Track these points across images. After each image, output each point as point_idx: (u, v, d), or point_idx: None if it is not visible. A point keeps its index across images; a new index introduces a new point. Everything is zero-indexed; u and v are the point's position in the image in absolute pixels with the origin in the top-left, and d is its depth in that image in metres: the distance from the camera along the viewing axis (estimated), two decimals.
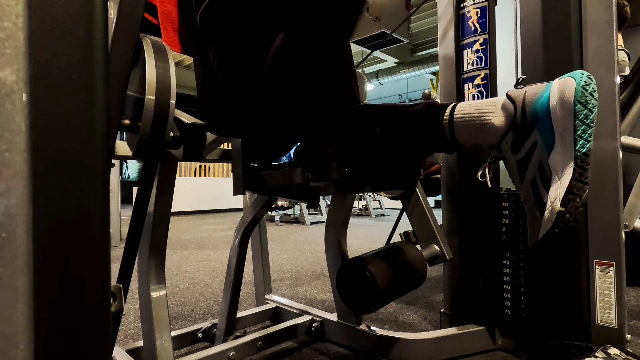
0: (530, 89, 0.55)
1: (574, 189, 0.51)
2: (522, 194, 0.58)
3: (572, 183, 0.51)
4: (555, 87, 0.52)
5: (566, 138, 0.51)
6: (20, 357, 0.25)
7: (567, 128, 0.51)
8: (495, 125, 0.56)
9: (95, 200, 0.29)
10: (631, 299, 1.32)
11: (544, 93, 0.53)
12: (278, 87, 0.63)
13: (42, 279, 0.26)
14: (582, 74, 0.52)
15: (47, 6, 0.27)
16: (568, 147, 0.51)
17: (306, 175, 0.71)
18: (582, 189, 0.52)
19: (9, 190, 0.25)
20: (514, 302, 0.91)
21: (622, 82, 1.19)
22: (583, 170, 0.51)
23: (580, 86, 0.50)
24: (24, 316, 0.25)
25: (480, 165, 0.63)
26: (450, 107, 0.60)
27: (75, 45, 0.28)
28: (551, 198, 0.52)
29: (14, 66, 0.25)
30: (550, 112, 0.52)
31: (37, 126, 0.26)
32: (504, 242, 0.93)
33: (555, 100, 0.52)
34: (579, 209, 0.52)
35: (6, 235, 0.25)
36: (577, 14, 0.82)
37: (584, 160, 0.51)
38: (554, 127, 0.52)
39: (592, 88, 0.51)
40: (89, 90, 0.29)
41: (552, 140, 0.53)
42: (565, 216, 0.52)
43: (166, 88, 0.53)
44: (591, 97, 0.51)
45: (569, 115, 0.51)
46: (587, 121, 0.51)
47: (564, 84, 0.52)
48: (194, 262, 2.14)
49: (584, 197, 0.52)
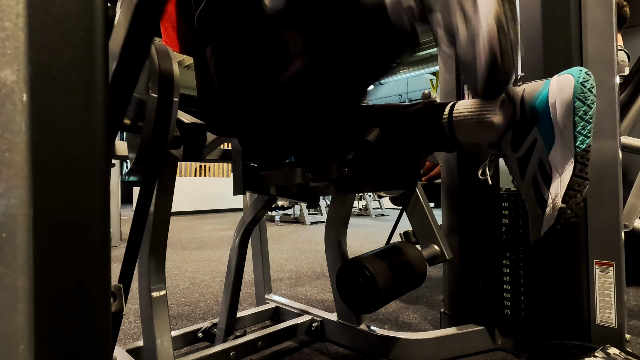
0: (528, 87, 0.55)
1: (574, 185, 0.51)
2: (523, 191, 0.58)
3: (572, 179, 0.51)
4: (553, 84, 0.52)
5: (566, 135, 0.51)
6: (20, 357, 0.25)
7: (566, 125, 0.51)
8: (495, 123, 0.56)
9: (95, 200, 0.29)
10: (631, 298, 1.32)
11: (542, 90, 0.53)
12: (290, 104, 0.62)
13: (42, 279, 0.26)
14: (580, 70, 0.51)
15: (47, 6, 0.27)
16: (568, 143, 0.51)
17: (306, 175, 0.71)
18: (583, 185, 0.52)
19: (9, 190, 0.25)
20: (513, 302, 0.91)
21: (622, 82, 1.19)
22: (583, 166, 0.51)
23: (579, 83, 0.50)
24: (25, 316, 0.25)
25: (480, 164, 0.63)
26: (450, 105, 0.60)
27: (75, 46, 0.28)
28: (552, 195, 0.53)
29: (14, 66, 0.25)
30: (549, 110, 0.52)
31: (38, 126, 0.26)
32: (504, 242, 0.93)
33: (554, 98, 0.52)
34: (580, 205, 0.53)
35: (6, 235, 0.25)
36: (577, 14, 0.82)
37: (584, 156, 0.51)
38: (554, 124, 0.52)
39: (591, 84, 0.51)
40: (89, 90, 0.29)
41: (552, 137, 0.53)
42: (567, 212, 0.52)
43: (170, 87, 0.53)
44: (590, 93, 0.51)
45: (569, 112, 0.51)
46: (586, 117, 0.51)
47: (562, 81, 0.52)
48: (194, 262, 2.14)
49: (584, 193, 0.52)
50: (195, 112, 0.70)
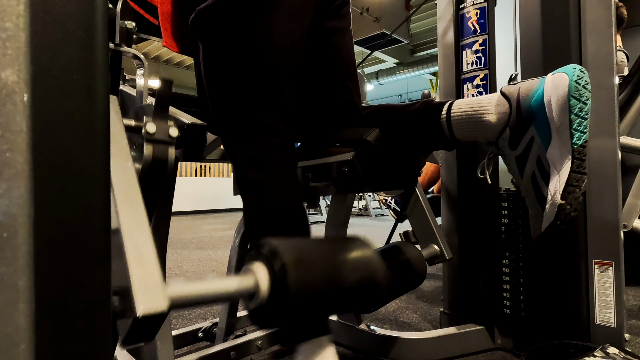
0: (524, 85, 0.55)
1: (573, 181, 0.52)
2: (522, 188, 0.59)
3: (571, 175, 0.51)
4: (548, 82, 0.53)
5: (563, 132, 0.52)
6: (21, 356, 0.25)
7: (563, 122, 0.51)
8: (492, 122, 0.56)
9: (96, 200, 0.29)
10: (630, 298, 1.33)
11: (537, 89, 0.53)
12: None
13: (43, 278, 0.27)
14: (574, 68, 0.52)
15: (48, 7, 0.27)
16: (565, 141, 0.52)
17: (306, 175, 0.71)
18: (581, 180, 0.52)
19: (10, 190, 0.25)
20: (513, 302, 0.91)
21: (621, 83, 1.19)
22: (581, 162, 0.52)
23: (574, 81, 0.51)
24: (25, 316, 0.25)
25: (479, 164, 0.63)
26: (447, 104, 0.60)
27: (76, 46, 0.28)
28: (551, 191, 0.53)
29: (15, 67, 0.26)
30: (545, 108, 0.52)
31: (39, 126, 0.26)
32: (503, 241, 0.93)
33: (549, 96, 0.52)
34: (578, 199, 0.53)
35: (7, 235, 0.25)
36: (576, 15, 0.82)
37: (581, 152, 0.52)
38: (550, 122, 0.52)
39: (585, 81, 0.51)
40: (89, 90, 0.29)
41: (549, 135, 0.53)
42: (567, 208, 0.52)
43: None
44: (584, 90, 0.51)
45: (564, 110, 0.51)
46: (582, 114, 0.51)
47: (557, 79, 0.52)
48: (195, 261, 2.14)
49: (583, 187, 0.52)
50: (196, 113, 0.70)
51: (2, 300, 0.25)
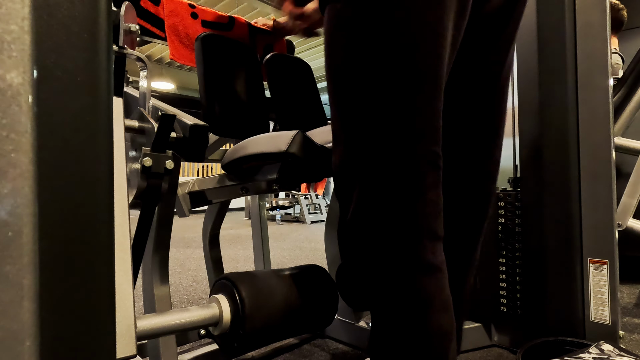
0: None
1: None
2: None
3: None
4: None
5: None
6: (26, 353, 0.26)
7: None
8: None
9: (100, 200, 0.30)
10: (624, 296, 1.34)
11: None
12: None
13: (47, 277, 0.27)
14: None
15: (52, 9, 0.27)
16: None
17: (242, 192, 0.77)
18: None
19: (15, 190, 0.26)
20: (509, 300, 0.92)
21: (616, 85, 1.20)
22: None
23: None
24: (30, 313, 0.26)
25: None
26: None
27: (80, 48, 0.28)
28: None
29: (20, 69, 0.26)
30: None
31: (43, 127, 0.27)
32: (500, 240, 0.94)
33: None
34: None
35: (12, 234, 0.26)
36: (572, 17, 0.83)
37: None
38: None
39: None
40: (93, 92, 0.29)
41: None
42: None
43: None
44: None
45: None
46: None
47: None
48: (197, 260, 2.15)
49: None
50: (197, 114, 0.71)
51: (8, 297, 0.25)
